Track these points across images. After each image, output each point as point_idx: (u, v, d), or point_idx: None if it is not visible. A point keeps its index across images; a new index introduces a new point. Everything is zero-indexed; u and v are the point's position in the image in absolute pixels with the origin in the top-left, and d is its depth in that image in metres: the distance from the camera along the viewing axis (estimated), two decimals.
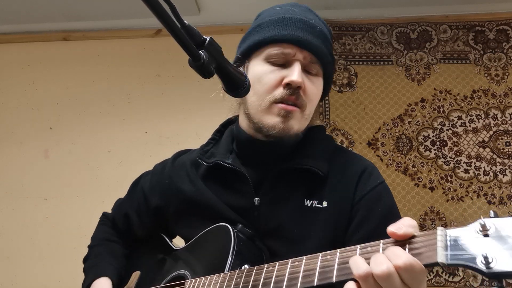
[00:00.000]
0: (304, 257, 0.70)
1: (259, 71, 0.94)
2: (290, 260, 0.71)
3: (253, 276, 0.75)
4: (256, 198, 0.94)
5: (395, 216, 0.93)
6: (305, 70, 0.93)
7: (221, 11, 2.42)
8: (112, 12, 2.40)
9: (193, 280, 0.87)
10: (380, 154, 2.29)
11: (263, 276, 0.73)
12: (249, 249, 0.89)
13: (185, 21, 0.71)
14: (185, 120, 2.46)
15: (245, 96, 0.88)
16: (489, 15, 2.39)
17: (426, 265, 0.57)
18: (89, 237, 2.53)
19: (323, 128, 1.06)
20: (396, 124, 2.32)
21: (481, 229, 0.54)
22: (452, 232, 0.57)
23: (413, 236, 0.60)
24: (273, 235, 0.92)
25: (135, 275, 1.07)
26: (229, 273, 0.80)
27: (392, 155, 2.28)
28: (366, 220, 0.90)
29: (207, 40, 0.74)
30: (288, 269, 0.70)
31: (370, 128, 2.33)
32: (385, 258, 0.59)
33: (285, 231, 0.91)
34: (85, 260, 1.15)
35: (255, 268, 0.77)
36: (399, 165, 2.27)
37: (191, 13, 2.36)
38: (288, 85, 0.90)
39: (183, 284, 0.90)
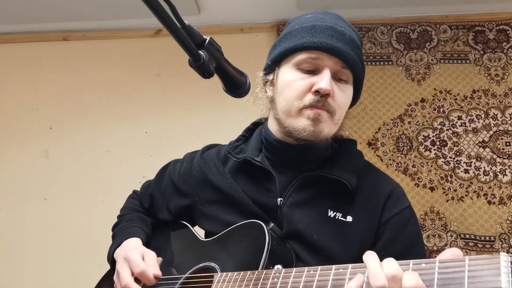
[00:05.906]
0: (350, 265, 0.69)
1: (289, 77, 0.95)
2: (334, 267, 0.71)
3: (291, 278, 0.74)
4: (279, 199, 0.95)
5: (419, 242, 0.96)
6: (335, 77, 0.94)
7: (221, 11, 2.42)
8: (112, 12, 2.39)
9: (223, 274, 0.87)
10: (380, 154, 2.29)
11: (303, 280, 0.72)
12: (281, 248, 0.90)
13: (185, 21, 0.72)
14: (185, 120, 2.45)
15: (273, 102, 0.96)
16: (489, 15, 2.39)
17: None
18: (89, 237, 2.53)
19: (355, 142, 1.07)
20: (396, 124, 2.32)
21: None
22: None
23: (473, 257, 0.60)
24: (294, 237, 0.93)
25: (157, 260, 1.06)
26: (264, 271, 0.79)
27: (392, 155, 2.28)
28: (393, 243, 0.92)
29: (207, 40, 0.75)
30: (331, 276, 0.69)
31: (370, 128, 2.33)
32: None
33: (305, 235, 0.91)
34: (114, 227, 1.17)
35: (294, 270, 0.76)
36: (399, 165, 2.27)
37: (191, 13, 2.36)
38: (317, 92, 0.91)
39: (211, 276, 0.89)
